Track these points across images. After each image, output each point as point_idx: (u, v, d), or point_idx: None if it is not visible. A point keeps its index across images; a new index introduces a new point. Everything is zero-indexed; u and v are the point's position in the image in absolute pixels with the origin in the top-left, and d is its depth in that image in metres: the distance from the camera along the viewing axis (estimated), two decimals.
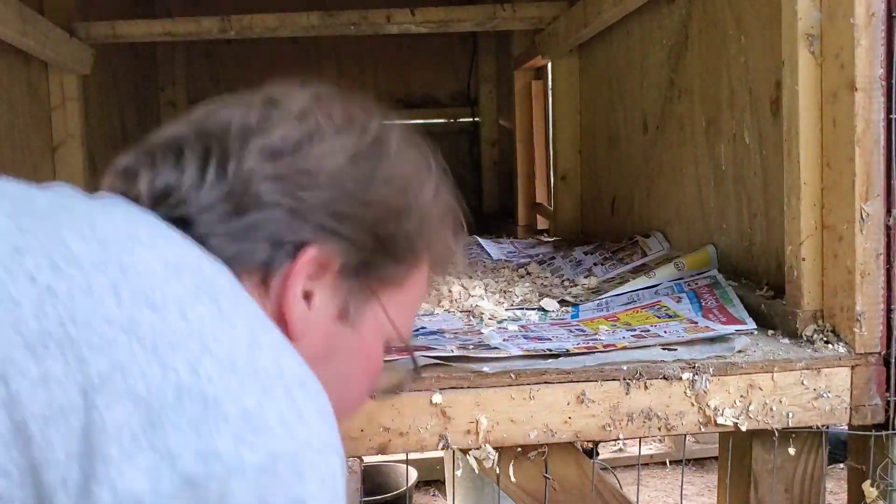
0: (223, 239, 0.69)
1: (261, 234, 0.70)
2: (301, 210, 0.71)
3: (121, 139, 3.60)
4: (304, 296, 0.72)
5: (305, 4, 3.12)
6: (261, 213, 0.70)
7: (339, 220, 0.73)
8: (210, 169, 0.71)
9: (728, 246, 1.73)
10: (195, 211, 0.69)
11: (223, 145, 0.73)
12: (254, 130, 0.73)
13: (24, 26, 2.25)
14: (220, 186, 0.70)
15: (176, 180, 0.71)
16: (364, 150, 0.76)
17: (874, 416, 1.24)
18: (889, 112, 1.22)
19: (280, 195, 0.71)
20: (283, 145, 0.73)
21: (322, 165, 0.73)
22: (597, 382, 1.19)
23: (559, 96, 2.98)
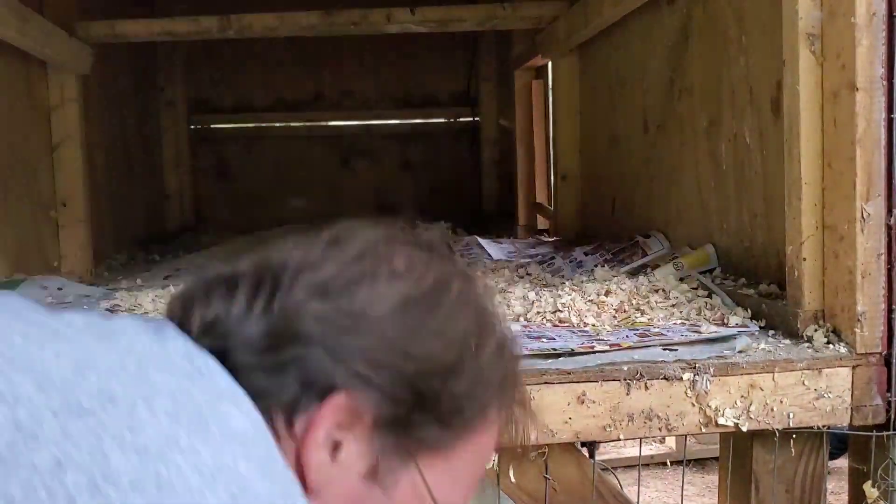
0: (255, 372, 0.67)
1: (292, 372, 0.68)
2: (337, 353, 0.68)
3: (121, 139, 3.60)
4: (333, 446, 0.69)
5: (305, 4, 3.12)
6: (296, 350, 0.68)
7: (377, 368, 0.69)
8: (258, 302, 0.70)
9: (728, 246, 1.73)
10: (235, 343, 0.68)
11: (276, 280, 0.71)
12: (309, 267, 0.72)
13: (23, 26, 2.24)
14: (265, 320, 0.69)
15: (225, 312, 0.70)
16: (417, 298, 0.73)
17: (875, 416, 1.24)
18: (890, 112, 1.21)
19: (319, 334, 0.68)
20: (333, 284, 0.71)
21: (368, 310, 0.70)
22: (597, 383, 1.18)
23: (559, 96, 2.98)
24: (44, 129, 2.67)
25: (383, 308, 0.70)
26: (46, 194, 2.67)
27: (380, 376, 0.68)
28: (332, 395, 0.67)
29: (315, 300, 0.69)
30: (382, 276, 0.72)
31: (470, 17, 3.03)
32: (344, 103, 4.72)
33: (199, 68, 4.61)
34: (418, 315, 0.71)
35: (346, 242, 0.74)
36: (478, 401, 0.74)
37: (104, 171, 3.22)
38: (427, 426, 0.72)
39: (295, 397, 0.67)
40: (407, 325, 0.71)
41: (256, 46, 4.41)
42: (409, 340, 0.70)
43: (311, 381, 0.68)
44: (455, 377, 0.72)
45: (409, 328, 0.71)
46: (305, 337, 0.68)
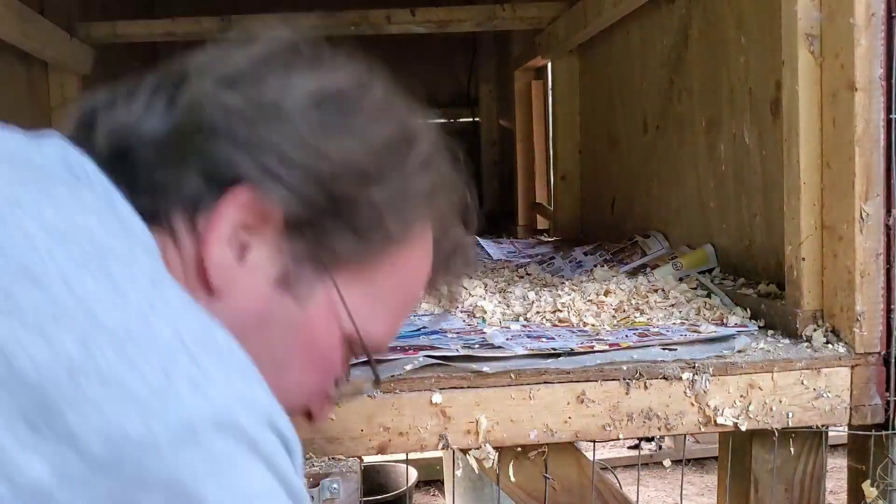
0: (156, 168, 0.63)
1: (194, 165, 0.63)
2: (244, 144, 0.63)
3: None
4: (241, 247, 0.65)
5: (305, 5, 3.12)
6: (199, 142, 0.63)
7: (287, 164, 0.64)
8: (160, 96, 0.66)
9: (728, 246, 1.73)
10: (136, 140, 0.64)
11: (182, 76, 0.67)
12: (217, 59, 0.68)
13: (24, 26, 2.25)
14: (169, 114, 0.65)
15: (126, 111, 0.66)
16: (335, 94, 0.67)
17: (874, 415, 1.24)
18: (889, 112, 1.22)
19: (225, 125, 0.63)
20: (242, 75, 0.66)
21: (279, 101, 0.65)
22: (597, 382, 1.19)
23: (559, 96, 2.98)
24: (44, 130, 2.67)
25: (296, 100, 0.65)
26: None
27: (290, 173, 0.64)
28: (236, 188, 0.63)
29: (222, 91, 0.65)
30: (297, 67, 0.68)
31: (470, 18, 3.04)
32: None
33: None
34: (336, 112, 0.66)
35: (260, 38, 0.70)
36: (401, 213, 0.69)
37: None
38: (342, 235, 0.67)
39: (197, 192, 0.63)
40: (322, 121, 0.65)
41: None
42: (323, 138, 0.65)
43: (215, 174, 0.63)
44: (374, 184, 0.67)
45: (324, 125, 0.65)
46: (210, 128, 0.63)
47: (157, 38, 3.02)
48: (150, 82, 0.68)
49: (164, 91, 0.66)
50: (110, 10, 3.30)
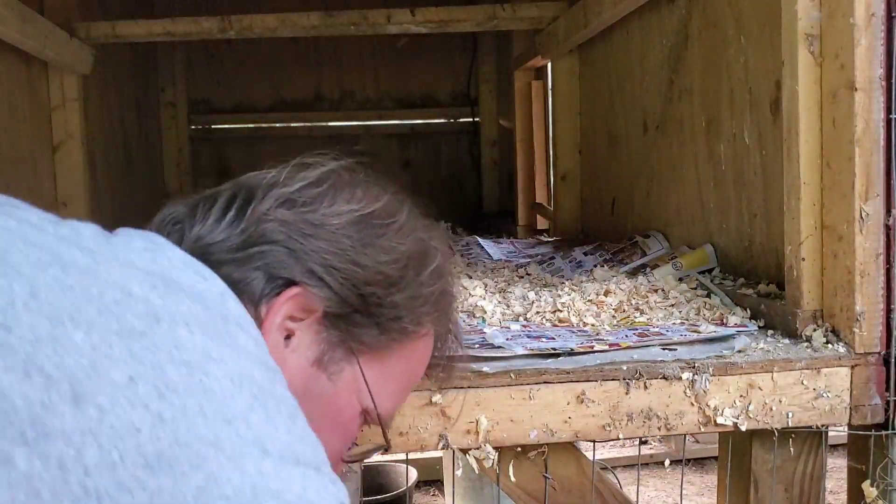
0: (229, 267, 0.81)
1: (259, 266, 0.81)
2: (297, 253, 0.82)
3: (121, 139, 3.60)
4: (287, 334, 0.83)
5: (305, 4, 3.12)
6: (262, 248, 0.82)
7: (329, 270, 0.82)
8: (233, 209, 0.84)
9: (728, 246, 1.73)
10: (212, 242, 0.82)
11: (250, 193, 0.85)
12: (278, 184, 0.86)
13: (24, 26, 2.25)
14: (237, 224, 0.83)
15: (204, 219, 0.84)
16: (370, 218, 0.86)
17: (874, 415, 1.24)
18: (889, 112, 1.22)
19: (283, 236, 0.82)
20: (297, 197, 0.85)
21: (326, 221, 0.84)
22: (597, 382, 1.19)
23: (559, 96, 2.98)
24: (44, 130, 2.67)
25: (340, 221, 0.85)
26: (47, 194, 2.67)
27: (332, 278, 0.83)
28: (289, 288, 0.82)
29: (282, 209, 0.84)
30: (342, 196, 0.87)
31: (470, 18, 3.03)
32: (344, 103, 4.72)
33: (199, 68, 4.61)
34: (369, 232, 0.86)
35: (312, 167, 0.90)
36: (414, 312, 0.88)
37: (105, 171, 3.22)
38: (368, 328, 0.86)
39: (261, 289, 0.82)
40: (359, 238, 0.85)
41: (256, 47, 4.41)
42: (359, 252, 0.84)
43: (275, 274, 0.82)
44: (396, 289, 0.86)
45: (360, 241, 0.85)
46: (271, 237, 0.82)
47: (157, 37, 3.02)
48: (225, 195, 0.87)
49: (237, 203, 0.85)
50: (110, 10, 3.30)
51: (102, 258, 0.74)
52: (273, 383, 0.73)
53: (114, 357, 0.65)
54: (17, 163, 2.43)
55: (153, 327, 0.68)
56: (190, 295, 0.73)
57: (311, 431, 0.73)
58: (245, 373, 0.70)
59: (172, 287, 0.73)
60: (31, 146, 2.57)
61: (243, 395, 0.68)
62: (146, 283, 0.71)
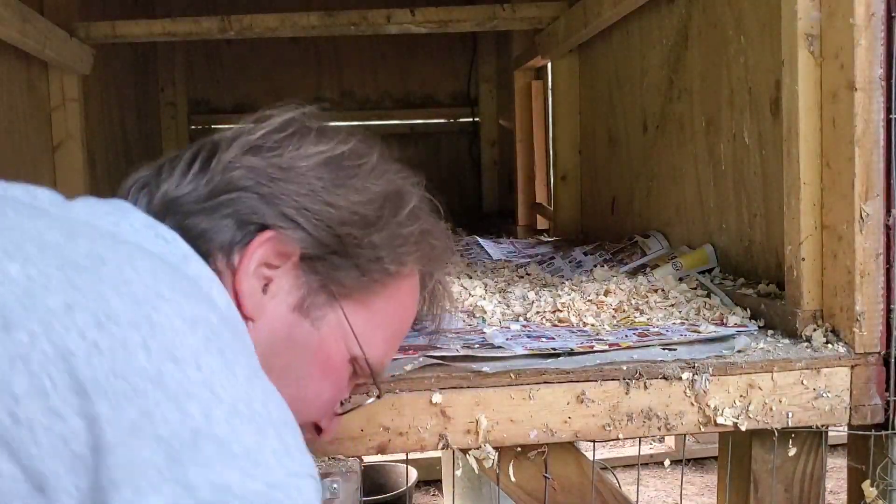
0: (198, 217, 0.79)
1: (228, 213, 0.79)
2: (267, 197, 0.80)
3: (121, 139, 3.60)
4: (265, 280, 0.80)
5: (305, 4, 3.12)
6: (231, 195, 0.80)
7: (302, 212, 0.80)
8: (196, 163, 0.82)
9: (728, 246, 1.73)
10: (179, 195, 0.80)
11: (214, 146, 0.83)
12: (242, 133, 0.84)
13: (24, 26, 2.25)
14: (203, 175, 0.81)
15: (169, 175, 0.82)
16: (340, 159, 0.84)
17: (874, 415, 1.24)
18: (889, 112, 1.22)
19: (251, 182, 0.80)
20: (263, 143, 0.83)
21: (295, 163, 0.82)
22: (596, 382, 1.19)
23: (559, 96, 2.98)
24: (44, 130, 2.67)
25: (308, 164, 0.83)
26: None
27: (305, 219, 0.81)
28: (262, 232, 0.80)
29: (248, 155, 0.82)
30: (308, 139, 0.85)
31: (470, 18, 3.03)
32: (344, 103, 4.72)
33: (199, 68, 4.61)
34: (340, 173, 0.84)
35: (275, 115, 0.87)
36: (395, 252, 0.86)
37: (105, 171, 3.22)
38: (348, 270, 0.83)
39: (232, 236, 0.80)
40: (330, 179, 0.83)
41: (256, 47, 4.41)
42: (331, 192, 0.82)
43: (245, 220, 0.80)
44: (374, 229, 0.84)
45: (332, 182, 0.83)
46: (239, 184, 0.80)
47: (157, 37, 3.02)
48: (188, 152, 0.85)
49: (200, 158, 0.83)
50: (110, 10, 3.30)
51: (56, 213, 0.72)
52: (235, 334, 0.70)
53: (51, 287, 0.62)
54: (17, 163, 2.43)
55: (99, 266, 0.65)
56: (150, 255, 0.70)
57: (277, 393, 0.69)
58: (201, 316, 0.67)
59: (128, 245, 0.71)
60: (31, 146, 2.57)
61: (196, 336, 0.65)
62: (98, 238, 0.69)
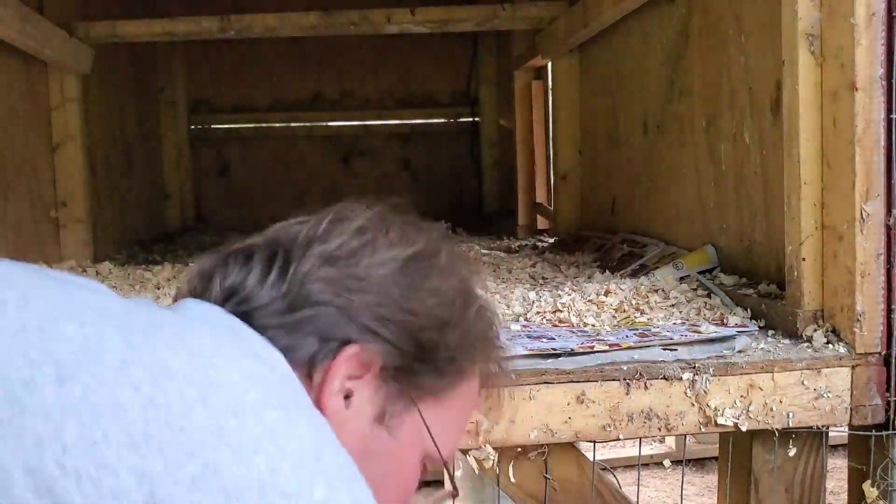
0: (277, 332, 0.77)
1: (310, 330, 0.77)
2: (348, 311, 0.78)
3: (121, 139, 3.60)
4: (346, 394, 0.78)
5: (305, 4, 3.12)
6: (311, 310, 0.78)
7: (383, 323, 0.79)
8: (273, 271, 0.80)
9: (728, 246, 1.73)
10: (256, 307, 0.78)
11: (288, 252, 0.81)
12: (316, 240, 0.82)
13: (23, 26, 2.25)
14: (280, 286, 0.79)
15: (242, 280, 0.80)
16: (413, 262, 0.83)
17: (874, 416, 1.24)
18: (889, 112, 1.22)
19: (330, 295, 0.78)
20: (339, 252, 0.81)
21: (372, 272, 0.80)
22: (597, 382, 1.19)
23: (559, 96, 2.98)
24: (44, 130, 2.67)
25: (386, 270, 0.81)
26: (47, 194, 2.67)
27: (388, 331, 0.79)
28: (346, 348, 0.77)
29: (324, 267, 0.80)
30: (382, 245, 0.83)
31: (470, 18, 3.03)
32: (344, 103, 4.72)
33: (199, 68, 4.61)
34: (415, 277, 0.82)
35: (348, 219, 0.85)
36: (467, 351, 0.85)
37: (104, 171, 3.22)
38: (426, 374, 0.82)
39: (313, 352, 0.77)
40: (406, 285, 0.81)
41: (256, 46, 4.41)
42: (409, 298, 0.81)
43: (328, 336, 0.77)
44: (449, 330, 0.83)
45: (408, 287, 0.81)
46: (318, 299, 0.78)
47: (157, 37, 3.03)
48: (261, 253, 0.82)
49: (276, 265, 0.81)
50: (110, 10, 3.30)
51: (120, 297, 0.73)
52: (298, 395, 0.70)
53: (107, 346, 0.63)
54: (17, 163, 2.43)
55: (157, 330, 0.66)
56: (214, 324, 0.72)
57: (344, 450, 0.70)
58: (260, 374, 0.67)
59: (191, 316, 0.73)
60: (31, 146, 2.57)
61: (257, 391, 0.65)
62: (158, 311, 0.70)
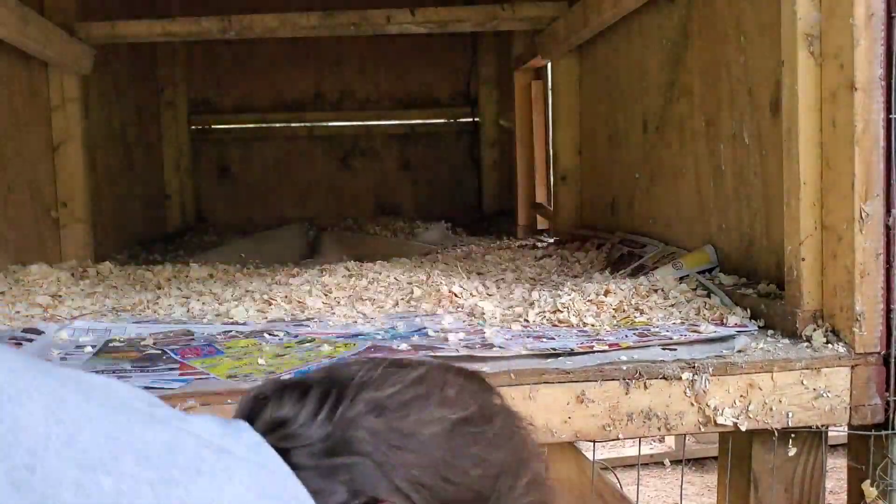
0: (310, 473, 0.75)
1: (343, 479, 0.75)
2: (384, 466, 0.76)
3: (121, 139, 3.60)
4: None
5: (305, 5, 3.12)
6: (349, 459, 0.76)
7: (416, 487, 0.76)
8: (323, 410, 0.78)
9: (728, 246, 1.73)
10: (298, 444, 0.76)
11: (341, 391, 0.79)
12: (370, 384, 0.80)
13: (24, 26, 2.25)
14: (325, 426, 0.77)
15: (294, 415, 0.78)
16: (462, 426, 0.79)
17: (874, 415, 1.24)
18: (888, 112, 1.22)
19: (371, 447, 0.76)
20: (390, 402, 0.78)
21: (417, 430, 0.77)
22: (596, 382, 1.19)
23: (559, 96, 2.98)
24: (44, 130, 2.67)
25: (432, 430, 0.78)
26: (47, 194, 2.67)
27: (420, 495, 0.76)
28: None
29: (372, 415, 0.77)
30: (434, 401, 0.79)
31: (470, 18, 3.04)
32: (344, 103, 4.72)
33: (199, 68, 4.61)
34: (461, 441, 0.78)
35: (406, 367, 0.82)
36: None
37: (105, 171, 3.22)
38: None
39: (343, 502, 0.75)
40: (450, 448, 0.78)
41: (256, 47, 4.42)
42: (450, 465, 0.77)
43: (358, 489, 0.75)
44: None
45: (451, 452, 0.77)
46: (358, 448, 0.76)
47: (157, 38, 3.03)
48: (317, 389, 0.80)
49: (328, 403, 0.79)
50: (110, 10, 3.30)
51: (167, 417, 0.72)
52: None
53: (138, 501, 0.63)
54: (17, 163, 2.43)
55: (193, 478, 0.66)
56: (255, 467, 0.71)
57: None
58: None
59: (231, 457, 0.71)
60: (32, 146, 2.57)
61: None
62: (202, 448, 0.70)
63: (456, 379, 0.83)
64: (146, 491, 0.63)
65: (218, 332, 1.50)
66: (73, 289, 1.99)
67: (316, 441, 0.76)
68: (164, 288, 2.01)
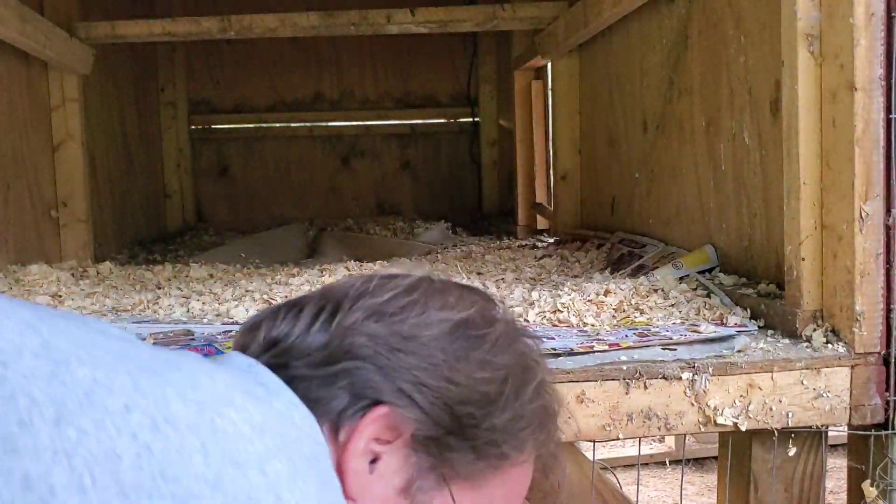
0: (310, 383, 0.74)
1: (344, 384, 0.74)
2: (385, 369, 0.74)
3: (121, 139, 3.60)
4: (372, 458, 0.74)
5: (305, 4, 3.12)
6: (349, 364, 0.74)
7: (419, 388, 0.74)
8: (319, 320, 0.77)
9: (728, 246, 1.73)
10: (294, 356, 0.75)
11: (337, 303, 0.78)
12: (367, 293, 0.79)
13: (24, 26, 2.25)
14: (323, 336, 0.76)
15: (288, 330, 0.77)
16: (464, 327, 0.78)
17: (874, 415, 1.24)
18: (888, 112, 1.22)
19: (371, 351, 0.74)
20: (387, 308, 0.77)
21: (417, 332, 0.76)
22: (596, 382, 1.19)
23: (559, 96, 2.98)
24: (44, 129, 2.67)
25: (432, 332, 0.76)
26: (47, 194, 2.67)
27: (423, 396, 0.74)
28: (375, 408, 0.73)
29: (370, 321, 0.76)
30: (434, 304, 0.78)
31: (470, 18, 3.04)
32: (344, 103, 4.72)
33: (199, 68, 4.61)
34: (464, 343, 0.77)
35: (400, 277, 0.81)
36: (516, 436, 0.78)
37: (105, 171, 3.22)
38: (462, 452, 0.76)
39: (343, 408, 0.73)
40: (453, 350, 0.76)
41: (256, 47, 4.42)
42: (453, 366, 0.75)
43: (360, 393, 0.74)
44: (495, 409, 0.77)
45: (454, 354, 0.76)
46: (358, 353, 0.74)
47: (157, 38, 3.02)
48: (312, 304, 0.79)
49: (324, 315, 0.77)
50: (110, 10, 3.30)
51: None
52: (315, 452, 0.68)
53: (114, 390, 0.61)
54: (17, 163, 2.43)
55: (172, 371, 0.65)
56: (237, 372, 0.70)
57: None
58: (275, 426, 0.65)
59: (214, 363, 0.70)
60: (32, 146, 2.57)
61: (264, 443, 0.63)
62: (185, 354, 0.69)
63: (455, 286, 0.83)
64: (122, 379, 0.62)
65: (218, 332, 1.50)
66: (73, 289, 1.99)
67: (314, 351, 0.75)
68: (164, 288, 2.01)
